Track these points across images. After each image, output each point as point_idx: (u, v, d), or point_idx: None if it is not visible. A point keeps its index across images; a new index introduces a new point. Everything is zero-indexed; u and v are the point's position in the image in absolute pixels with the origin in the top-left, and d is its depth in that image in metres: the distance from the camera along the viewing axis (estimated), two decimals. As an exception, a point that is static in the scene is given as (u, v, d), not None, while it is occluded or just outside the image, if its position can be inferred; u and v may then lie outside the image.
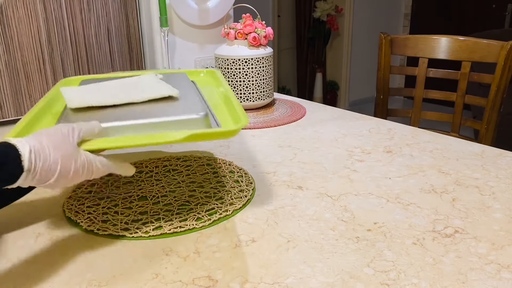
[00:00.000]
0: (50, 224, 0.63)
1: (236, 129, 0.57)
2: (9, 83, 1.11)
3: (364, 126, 1.05)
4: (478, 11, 3.89)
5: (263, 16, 1.31)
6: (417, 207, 0.66)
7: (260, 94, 1.18)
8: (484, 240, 0.57)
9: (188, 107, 0.63)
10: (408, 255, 0.54)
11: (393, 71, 1.45)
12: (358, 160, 0.84)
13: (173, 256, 0.55)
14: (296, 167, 0.82)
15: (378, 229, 0.60)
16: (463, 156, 0.85)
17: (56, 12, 1.13)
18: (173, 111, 0.62)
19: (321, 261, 0.53)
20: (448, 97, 1.37)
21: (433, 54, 1.36)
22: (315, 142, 0.95)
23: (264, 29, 1.17)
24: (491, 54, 1.26)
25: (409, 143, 0.93)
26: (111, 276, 0.51)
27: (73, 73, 1.19)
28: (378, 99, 1.47)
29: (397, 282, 0.49)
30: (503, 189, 0.71)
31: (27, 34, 1.11)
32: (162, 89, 0.68)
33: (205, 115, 0.60)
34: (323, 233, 0.59)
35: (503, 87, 1.25)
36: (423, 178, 0.76)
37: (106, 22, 1.21)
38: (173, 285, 0.50)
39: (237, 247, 0.57)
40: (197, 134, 0.56)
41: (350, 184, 0.74)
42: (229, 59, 1.15)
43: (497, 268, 0.51)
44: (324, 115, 1.15)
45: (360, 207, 0.66)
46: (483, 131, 1.30)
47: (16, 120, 1.14)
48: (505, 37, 1.35)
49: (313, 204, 0.68)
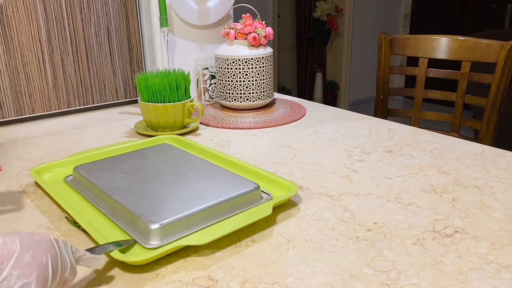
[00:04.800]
0: (50, 224, 0.63)
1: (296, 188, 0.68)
2: (9, 83, 1.11)
3: (364, 126, 1.05)
4: (478, 11, 3.89)
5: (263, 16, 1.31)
6: (417, 207, 0.66)
7: (260, 94, 1.18)
8: (484, 240, 0.57)
9: (234, 182, 0.68)
10: (408, 255, 0.54)
11: (393, 71, 1.45)
12: (358, 160, 0.84)
13: (173, 256, 0.55)
14: (296, 167, 0.82)
15: (378, 229, 0.60)
16: (463, 156, 0.85)
17: (56, 12, 1.13)
18: (226, 188, 0.66)
19: (321, 261, 0.53)
20: (448, 97, 1.37)
21: (433, 54, 1.36)
22: (315, 142, 0.95)
23: (264, 29, 1.17)
24: (491, 54, 1.26)
25: (409, 143, 0.93)
26: (111, 276, 0.51)
27: (73, 73, 1.19)
28: (378, 99, 1.47)
29: (397, 282, 0.49)
30: (503, 189, 0.71)
31: (27, 34, 1.11)
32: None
33: (258, 187, 0.67)
34: (323, 233, 0.59)
35: (503, 87, 1.25)
36: (423, 178, 0.76)
37: (106, 22, 1.21)
38: (173, 285, 0.50)
39: (237, 247, 0.57)
40: (279, 202, 0.65)
41: (350, 184, 0.74)
42: (229, 59, 1.15)
43: (497, 268, 0.51)
44: (324, 115, 1.15)
45: (360, 207, 0.66)
46: (483, 131, 1.30)
47: (16, 120, 1.14)
48: (505, 37, 1.35)
49: (313, 204, 0.68)
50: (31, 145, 0.97)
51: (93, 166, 0.76)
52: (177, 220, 0.57)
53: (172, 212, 0.59)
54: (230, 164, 0.78)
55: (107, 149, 0.87)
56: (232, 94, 1.17)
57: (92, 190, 0.69)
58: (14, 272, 0.39)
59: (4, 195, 0.73)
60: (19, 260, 0.39)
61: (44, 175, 0.77)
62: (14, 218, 0.65)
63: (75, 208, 0.66)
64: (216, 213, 0.61)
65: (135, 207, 0.61)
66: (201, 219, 0.59)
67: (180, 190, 0.66)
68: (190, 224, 0.58)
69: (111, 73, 1.25)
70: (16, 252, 0.39)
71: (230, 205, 0.63)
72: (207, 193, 0.65)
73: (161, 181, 0.69)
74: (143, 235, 0.57)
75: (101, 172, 0.73)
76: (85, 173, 0.73)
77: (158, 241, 0.56)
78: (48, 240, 0.43)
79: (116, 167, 0.75)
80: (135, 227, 0.58)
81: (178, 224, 0.57)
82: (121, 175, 0.72)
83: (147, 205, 0.62)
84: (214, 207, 0.61)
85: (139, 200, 0.63)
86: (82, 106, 1.23)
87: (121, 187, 0.67)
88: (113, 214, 0.63)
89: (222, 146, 0.94)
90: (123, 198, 0.63)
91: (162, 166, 0.76)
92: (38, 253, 0.41)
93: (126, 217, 0.61)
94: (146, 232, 0.56)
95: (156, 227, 0.56)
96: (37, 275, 0.40)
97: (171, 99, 1.00)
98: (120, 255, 0.52)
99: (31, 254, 0.40)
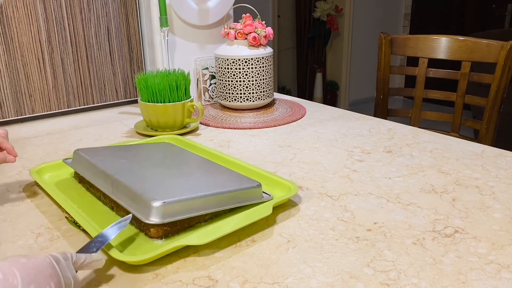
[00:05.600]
0: (50, 224, 0.63)
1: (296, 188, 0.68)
2: (9, 83, 1.11)
3: (364, 126, 1.05)
4: (478, 11, 3.89)
5: (263, 16, 1.31)
6: (417, 207, 0.66)
7: (260, 94, 1.18)
8: (484, 240, 0.57)
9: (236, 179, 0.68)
10: (408, 255, 0.54)
11: (393, 71, 1.45)
12: (358, 160, 0.84)
13: (173, 256, 0.55)
14: (296, 167, 0.82)
15: (378, 229, 0.60)
16: (463, 156, 0.85)
17: (56, 12, 1.13)
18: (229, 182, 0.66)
19: (321, 261, 0.53)
20: (448, 97, 1.37)
21: (433, 54, 1.36)
22: (315, 142, 0.95)
23: (264, 29, 1.17)
24: (491, 54, 1.26)
25: (409, 143, 0.93)
26: (111, 276, 0.51)
27: (73, 73, 1.19)
28: (378, 99, 1.47)
29: (397, 282, 0.49)
30: (503, 189, 0.71)
31: (27, 34, 1.11)
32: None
33: (260, 185, 0.66)
34: (323, 233, 0.59)
35: (503, 87, 1.25)
36: (423, 178, 0.76)
37: (106, 22, 1.21)
38: (173, 285, 0.50)
39: (237, 247, 0.57)
40: (279, 202, 0.65)
41: (350, 184, 0.74)
42: (229, 59, 1.15)
43: (497, 268, 0.51)
44: (324, 115, 1.15)
45: (360, 207, 0.66)
46: (483, 131, 1.30)
47: (16, 120, 1.14)
48: (505, 37, 1.35)
49: (313, 204, 0.68)
50: (31, 145, 0.97)
51: (94, 150, 0.76)
52: (180, 201, 0.57)
53: (175, 194, 0.58)
54: (230, 164, 0.78)
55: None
56: (232, 94, 1.17)
57: (92, 170, 0.68)
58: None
59: (4, 195, 0.73)
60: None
61: (44, 175, 0.77)
62: (14, 218, 0.65)
63: (75, 207, 0.65)
64: (217, 201, 0.61)
65: (137, 186, 0.60)
66: (202, 204, 0.59)
67: (183, 178, 0.66)
68: (191, 208, 0.58)
69: (111, 73, 1.25)
70: (18, 286, 0.37)
71: (232, 197, 0.62)
72: (210, 183, 0.65)
73: (164, 168, 0.69)
74: (145, 212, 0.56)
75: (103, 156, 0.72)
76: (86, 154, 0.72)
77: (159, 219, 0.55)
78: (48, 264, 0.41)
79: (118, 154, 0.75)
80: (136, 204, 0.58)
81: (180, 205, 0.57)
82: (123, 160, 0.71)
83: (150, 185, 0.61)
84: (216, 195, 0.61)
85: (141, 181, 0.62)
86: (82, 106, 1.23)
87: (123, 169, 0.66)
88: (113, 193, 0.62)
89: (222, 146, 0.94)
90: (125, 178, 0.62)
91: (165, 158, 0.76)
92: (41, 284, 0.39)
93: (127, 196, 0.59)
94: (148, 209, 0.55)
95: (158, 204, 0.55)
96: None
97: (171, 99, 1.00)
98: (120, 255, 0.52)
99: (34, 286, 0.38)
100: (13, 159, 0.67)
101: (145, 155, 0.77)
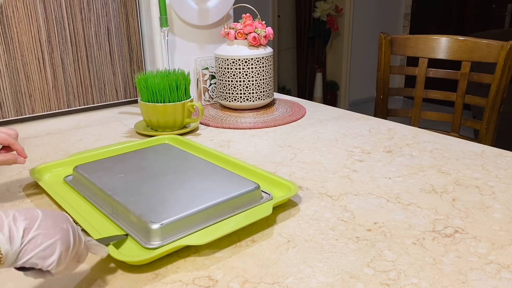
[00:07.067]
0: (50, 224, 0.63)
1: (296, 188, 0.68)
2: (9, 83, 1.11)
3: (364, 126, 1.05)
4: (478, 11, 3.89)
5: (263, 16, 1.32)
6: (417, 207, 0.66)
7: (260, 94, 1.18)
8: (484, 240, 0.57)
9: (234, 182, 0.68)
10: (408, 255, 0.54)
11: (393, 71, 1.45)
12: (358, 160, 0.84)
13: (173, 256, 0.55)
14: (296, 167, 0.82)
15: (378, 229, 0.60)
16: (463, 156, 0.85)
17: (56, 12, 1.13)
18: (226, 188, 0.66)
19: (321, 261, 0.53)
20: (448, 97, 1.37)
21: (433, 54, 1.36)
22: (315, 142, 0.95)
23: (264, 29, 1.17)
24: (491, 54, 1.26)
25: (409, 143, 0.93)
26: (111, 275, 0.51)
27: (73, 73, 1.19)
28: (378, 99, 1.47)
29: (397, 282, 0.49)
30: (503, 189, 0.71)
31: (27, 34, 1.11)
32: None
33: (258, 186, 0.67)
34: (323, 233, 0.59)
35: (503, 87, 1.25)
36: (423, 178, 0.76)
37: (106, 22, 1.21)
38: (173, 285, 0.50)
39: (237, 247, 0.57)
40: (279, 202, 0.65)
41: (350, 184, 0.74)
42: (229, 59, 1.15)
43: (497, 268, 0.51)
44: (324, 115, 1.15)
45: (360, 207, 0.66)
46: (483, 131, 1.30)
47: (16, 120, 1.14)
48: (505, 37, 1.35)
49: (313, 204, 0.68)
50: (31, 145, 0.97)
51: (93, 165, 0.76)
52: (178, 220, 0.57)
53: (173, 212, 0.59)
54: (230, 164, 0.78)
55: (107, 149, 0.87)
56: (232, 94, 1.17)
57: (92, 189, 0.69)
58: (41, 232, 0.41)
59: (4, 195, 0.73)
60: (43, 222, 0.42)
61: (44, 175, 0.77)
62: (14, 218, 0.65)
63: (75, 208, 0.65)
64: (216, 213, 0.61)
65: (135, 207, 0.61)
66: (201, 219, 0.59)
67: (180, 190, 0.66)
68: (190, 224, 0.58)
69: (111, 73, 1.25)
70: (39, 216, 0.42)
71: (231, 205, 0.63)
72: (207, 193, 0.65)
73: (161, 180, 0.69)
74: (144, 235, 0.57)
75: (101, 171, 0.73)
76: (85, 172, 0.73)
77: (159, 241, 0.55)
78: (64, 214, 0.46)
79: (116, 167, 0.75)
80: (135, 227, 0.58)
81: (178, 224, 0.57)
82: (121, 174, 0.72)
83: (148, 205, 0.62)
84: (214, 207, 0.61)
85: (139, 200, 0.63)
86: (82, 106, 1.23)
87: (121, 187, 0.67)
88: (113, 214, 0.63)
89: (222, 146, 0.94)
90: (123, 198, 0.63)
91: (162, 166, 0.76)
92: (58, 220, 0.43)
93: (127, 217, 0.61)
94: (147, 232, 0.56)
95: (156, 227, 0.56)
96: (61, 237, 0.42)
97: (171, 99, 1.00)
98: (120, 255, 0.52)
99: (53, 220, 0.43)
100: (24, 160, 0.68)
101: (142, 165, 0.77)
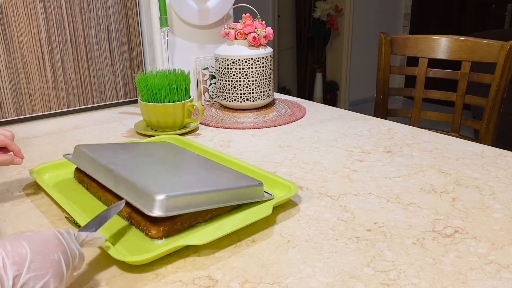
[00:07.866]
0: (50, 224, 0.63)
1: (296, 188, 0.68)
2: (9, 83, 1.11)
3: (364, 126, 1.05)
4: (478, 11, 3.89)
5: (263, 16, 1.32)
6: (417, 207, 0.66)
7: (260, 94, 1.18)
8: (484, 240, 0.57)
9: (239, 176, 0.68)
10: (408, 255, 0.54)
11: (393, 71, 1.45)
12: (358, 160, 0.84)
13: (173, 256, 0.55)
14: (296, 167, 0.82)
15: (378, 229, 0.60)
16: (463, 156, 0.85)
17: (56, 12, 1.13)
18: (232, 180, 0.66)
19: (321, 261, 0.53)
20: (448, 97, 1.37)
21: (433, 54, 1.36)
22: (315, 142, 0.95)
23: (264, 29, 1.17)
24: (491, 54, 1.26)
25: (409, 143, 0.93)
26: (111, 275, 0.51)
27: (73, 73, 1.19)
28: (378, 99, 1.47)
29: (397, 282, 0.49)
30: (503, 189, 0.71)
31: (27, 34, 1.11)
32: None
33: (261, 183, 0.66)
34: (323, 233, 0.59)
35: (503, 87, 1.25)
36: (423, 178, 0.76)
37: (106, 22, 1.21)
38: (173, 285, 0.50)
39: (237, 247, 0.57)
40: (279, 202, 0.65)
41: (350, 184, 0.74)
42: (229, 59, 1.15)
43: (497, 268, 0.51)
44: (324, 115, 1.15)
45: (360, 207, 0.66)
46: (483, 131, 1.30)
47: (16, 120, 1.14)
48: (505, 37, 1.35)
49: (313, 204, 0.68)
50: (31, 145, 0.97)
51: (95, 146, 0.75)
52: (183, 195, 0.57)
53: (178, 188, 0.58)
54: (230, 164, 0.78)
55: None
56: (232, 94, 1.17)
57: (94, 165, 0.68)
58: (31, 276, 0.39)
59: (4, 195, 0.73)
60: (33, 263, 0.40)
61: (44, 175, 0.77)
62: (14, 218, 0.65)
63: (75, 208, 0.65)
64: (220, 198, 0.61)
65: (140, 181, 0.59)
66: (205, 200, 0.59)
67: (185, 174, 0.66)
68: (194, 203, 0.58)
69: (111, 73, 1.25)
70: (28, 256, 0.40)
71: (234, 194, 0.62)
72: (212, 181, 0.65)
73: (166, 165, 0.69)
74: (148, 205, 0.55)
75: (103, 151, 0.72)
76: (87, 150, 0.72)
77: (162, 212, 0.55)
78: (54, 236, 0.44)
79: (119, 150, 0.75)
80: (139, 198, 0.57)
81: (183, 199, 0.57)
82: (125, 156, 0.71)
83: (152, 180, 0.61)
84: (219, 192, 0.61)
85: (143, 176, 0.62)
86: (82, 106, 1.23)
87: (125, 164, 0.66)
88: (115, 188, 0.62)
89: (222, 146, 0.94)
90: (126, 173, 0.62)
91: (166, 155, 0.76)
92: (48, 252, 0.41)
93: (130, 190, 0.59)
94: (151, 202, 0.55)
95: (162, 197, 0.55)
96: (53, 273, 0.41)
97: (171, 99, 1.00)
98: (120, 255, 0.52)
99: (43, 254, 0.41)
100: (21, 161, 0.68)
101: (147, 152, 0.77)
